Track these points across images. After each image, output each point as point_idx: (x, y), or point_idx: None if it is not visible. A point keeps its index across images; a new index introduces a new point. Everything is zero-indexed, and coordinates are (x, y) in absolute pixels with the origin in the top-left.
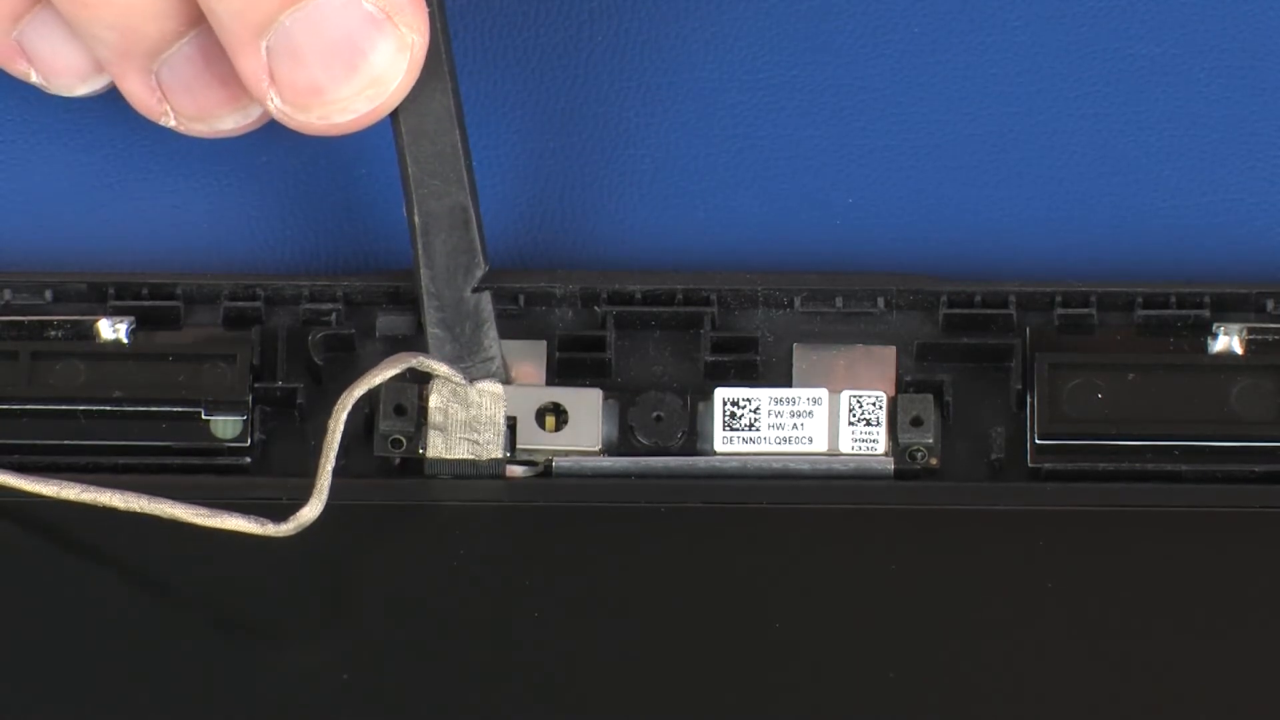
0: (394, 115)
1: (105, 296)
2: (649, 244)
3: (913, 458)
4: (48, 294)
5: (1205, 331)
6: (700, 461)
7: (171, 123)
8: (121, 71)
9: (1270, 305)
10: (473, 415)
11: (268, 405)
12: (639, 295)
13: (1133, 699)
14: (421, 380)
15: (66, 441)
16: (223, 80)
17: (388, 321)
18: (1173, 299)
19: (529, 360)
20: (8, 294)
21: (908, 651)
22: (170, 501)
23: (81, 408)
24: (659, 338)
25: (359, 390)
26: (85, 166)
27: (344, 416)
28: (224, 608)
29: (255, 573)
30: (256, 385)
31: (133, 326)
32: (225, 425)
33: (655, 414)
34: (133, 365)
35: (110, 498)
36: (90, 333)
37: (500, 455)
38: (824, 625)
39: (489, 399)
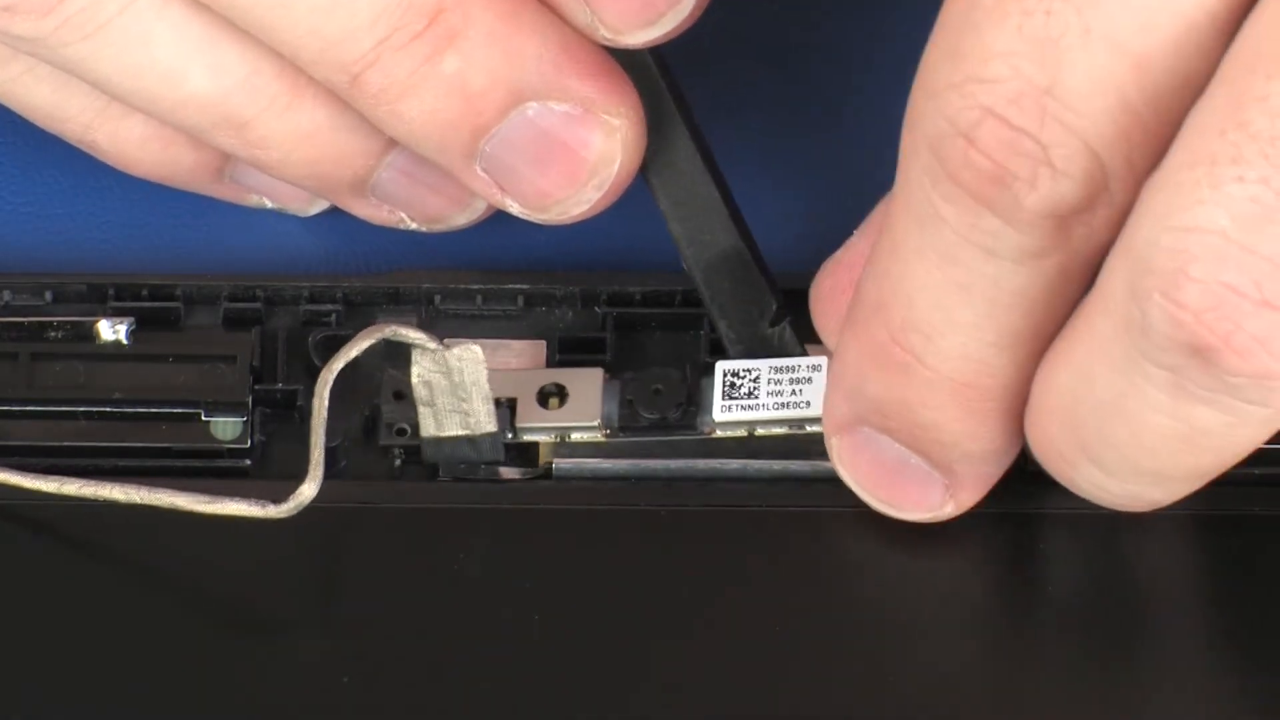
0: (647, 180)
1: (105, 297)
2: (649, 244)
3: None
4: (48, 295)
5: None
6: (700, 464)
7: (412, 226)
8: (337, 200)
9: None
10: (455, 383)
11: (268, 407)
12: (639, 296)
13: (1133, 701)
14: None
15: (66, 442)
16: (437, 188)
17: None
18: None
19: (528, 361)
20: (8, 295)
21: (908, 654)
22: (169, 491)
23: (81, 409)
24: (659, 338)
25: (339, 364)
26: (85, 167)
27: (326, 393)
28: (224, 609)
29: (256, 574)
30: (256, 386)
31: (133, 327)
32: (225, 426)
33: (654, 388)
34: (133, 366)
35: (110, 490)
36: (90, 333)
37: (494, 429)
38: (825, 627)
39: (468, 362)
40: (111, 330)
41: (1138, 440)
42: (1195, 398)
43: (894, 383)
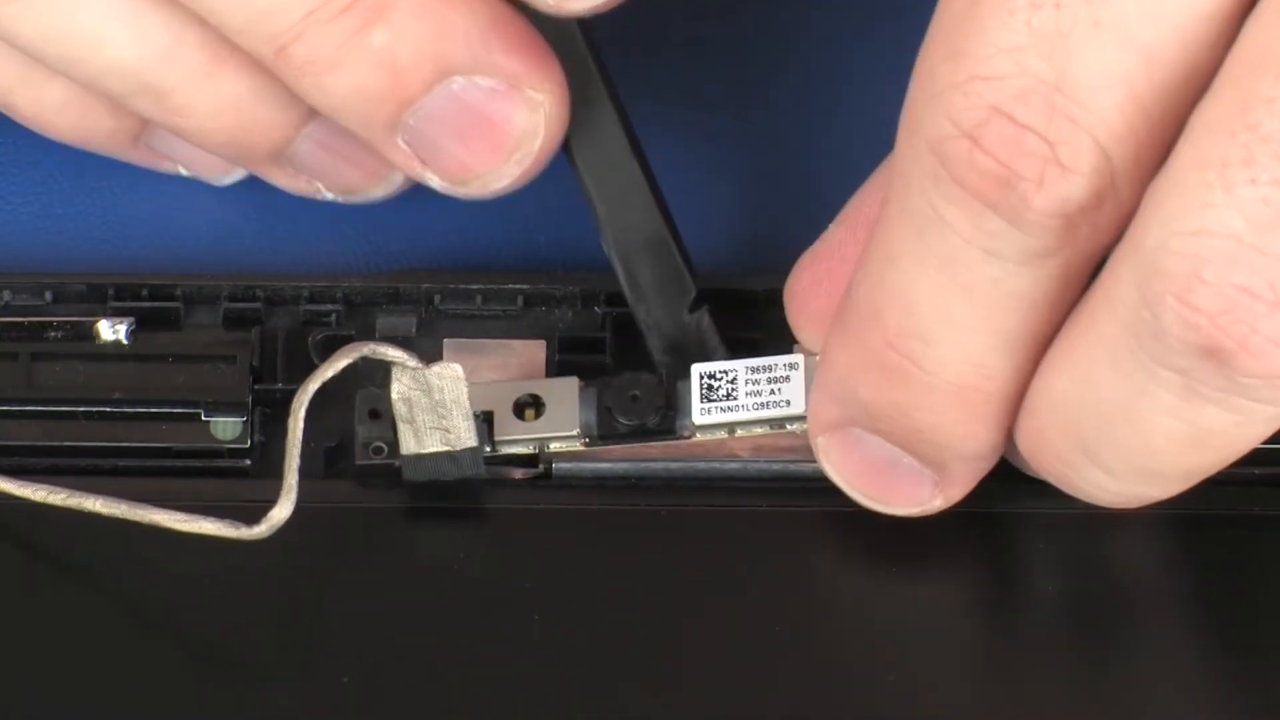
0: (572, 160)
1: (105, 297)
2: None
3: None
4: (48, 295)
5: None
6: (700, 464)
7: (328, 196)
8: (254, 169)
9: None
10: (436, 400)
11: (268, 407)
12: None
13: (1133, 702)
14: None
15: (66, 442)
16: (354, 160)
17: (388, 322)
18: None
19: (528, 361)
20: (8, 295)
21: (910, 654)
22: (149, 507)
23: (81, 409)
24: None
25: (313, 385)
26: (86, 167)
27: (302, 414)
28: (223, 608)
29: (255, 573)
30: (256, 386)
31: (133, 327)
32: (225, 426)
33: (631, 394)
34: (133, 366)
35: (94, 503)
36: (90, 333)
37: (474, 444)
38: (824, 627)
39: (449, 381)
40: (111, 330)
41: (1144, 441)
42: (1206, 399)
43: (890, 387)
